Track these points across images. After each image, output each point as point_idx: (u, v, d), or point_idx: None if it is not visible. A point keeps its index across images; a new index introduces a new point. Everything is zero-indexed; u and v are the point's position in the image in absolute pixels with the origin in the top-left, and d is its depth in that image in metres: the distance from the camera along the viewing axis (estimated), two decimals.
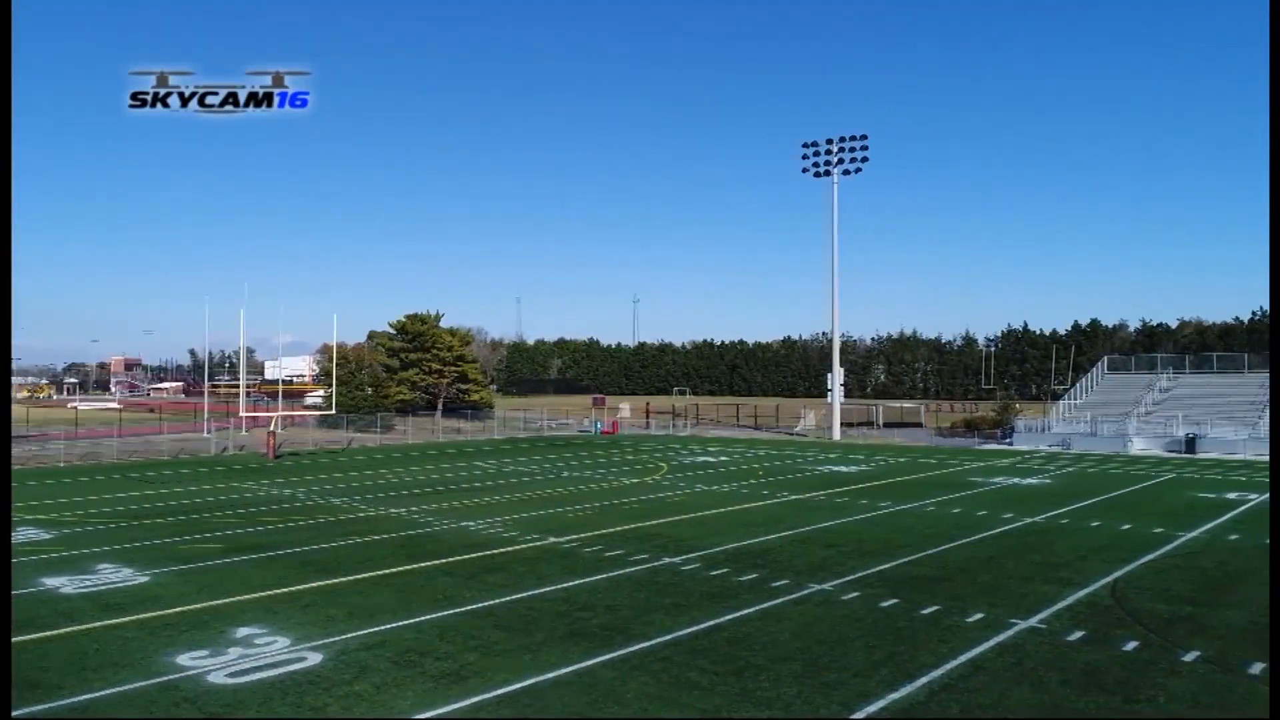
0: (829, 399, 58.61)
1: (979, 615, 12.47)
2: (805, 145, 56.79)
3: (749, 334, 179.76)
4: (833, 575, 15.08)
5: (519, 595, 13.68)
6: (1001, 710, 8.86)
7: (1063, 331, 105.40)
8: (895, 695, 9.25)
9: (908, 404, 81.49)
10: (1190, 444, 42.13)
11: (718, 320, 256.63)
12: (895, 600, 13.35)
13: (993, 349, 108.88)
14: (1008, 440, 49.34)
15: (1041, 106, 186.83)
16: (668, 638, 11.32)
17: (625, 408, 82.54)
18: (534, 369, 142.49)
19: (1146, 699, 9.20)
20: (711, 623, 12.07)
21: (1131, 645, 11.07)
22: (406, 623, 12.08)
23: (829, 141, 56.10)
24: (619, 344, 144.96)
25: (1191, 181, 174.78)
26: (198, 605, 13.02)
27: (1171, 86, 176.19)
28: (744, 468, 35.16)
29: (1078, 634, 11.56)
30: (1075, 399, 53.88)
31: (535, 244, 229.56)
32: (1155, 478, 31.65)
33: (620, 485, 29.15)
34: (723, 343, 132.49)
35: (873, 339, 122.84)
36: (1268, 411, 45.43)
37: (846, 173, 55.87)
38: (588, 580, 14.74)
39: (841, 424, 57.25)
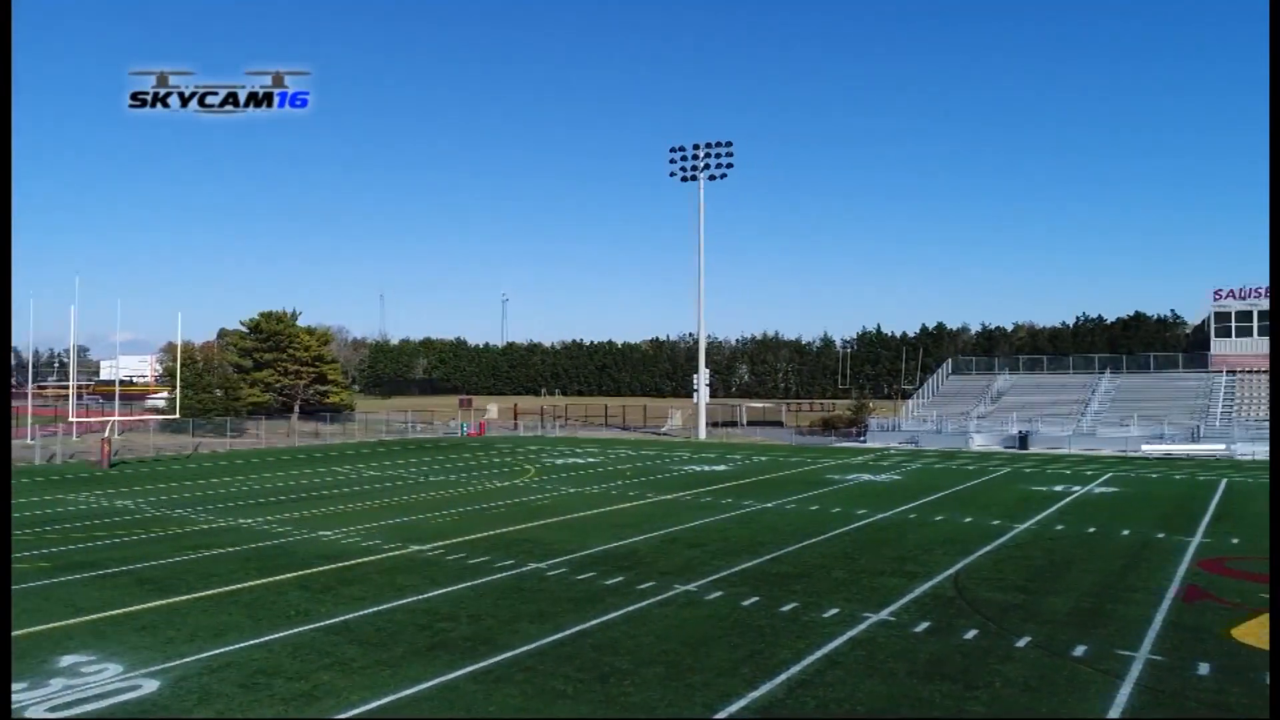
0: (695, 399, 59.77)
1: (834, 610, 12.97)
2: (673, 150, 57.73)
3: (618, 334, 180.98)
4: (698, 575, 15.34)
5: (378, 608, 13.20)
6: (854, 703, 9.24)
7: (912, 334, 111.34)
8: (756, 694, 9.49)
9: (770, 404, 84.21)
10: (1023, 440, 45.46)
11: (587, 320, 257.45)
12: (757, 598, 13.71)
13: (849, 350, 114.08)
14: (862, 439, 51.76)
15: (892, 118, 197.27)
16: (533, 646, 11.19)
17: (493, 409, 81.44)
18: (398, 369, 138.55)
19: (984, 685, 9.81)
20: (577, 628, 12.02)
21: (971, 634, 11.79)
22: (255, 642, 11.42)
23: (696, 147, 57.19)
24: (487, 344, 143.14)
25: (1025, 192, 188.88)
26: (16, 632, 11.82)
27: (1015, 98, 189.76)
28: (612, 469, 35.34)
29: (924, 625, 12.22)
30: (923, 399, 57.15)
31: (400, 240, 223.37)
32: (993, 473, 33.95)
33: (486, 489, 28.69)
34: (592, 343, 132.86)
35: (737, 340, 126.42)
36: (1089, 409, 49.59)
37: (712, 178, 57.13)
38: (451, 589, 14.40)
39: (707, 424, 58.51)
